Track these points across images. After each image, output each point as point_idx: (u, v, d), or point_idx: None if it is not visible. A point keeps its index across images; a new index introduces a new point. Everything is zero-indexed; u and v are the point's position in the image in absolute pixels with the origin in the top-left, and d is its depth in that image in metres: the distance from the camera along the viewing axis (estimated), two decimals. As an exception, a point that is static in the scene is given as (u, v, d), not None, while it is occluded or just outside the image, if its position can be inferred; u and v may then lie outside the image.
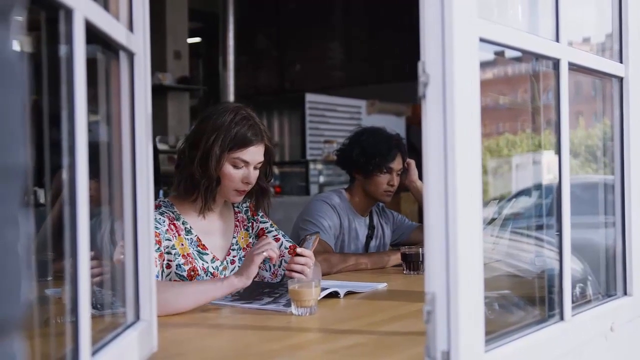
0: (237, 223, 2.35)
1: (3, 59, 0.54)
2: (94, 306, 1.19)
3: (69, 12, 0.96)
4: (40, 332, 1.13)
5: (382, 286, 2.31)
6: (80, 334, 0.98)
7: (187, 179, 2.17)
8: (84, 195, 0.99)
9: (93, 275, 1.36)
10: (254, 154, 2.18)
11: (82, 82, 0.99)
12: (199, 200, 2.20)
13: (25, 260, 0.57)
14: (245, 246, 2.33)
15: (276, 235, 2.37)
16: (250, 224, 2.38)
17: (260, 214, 2.41)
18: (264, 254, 1.95)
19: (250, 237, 2.36)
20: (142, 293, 1.34)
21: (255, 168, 2.21)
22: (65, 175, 0.98)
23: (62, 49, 0.98)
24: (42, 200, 2.58)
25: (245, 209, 2.39)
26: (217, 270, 2.22)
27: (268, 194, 2.34)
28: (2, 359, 0.55)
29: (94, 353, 1.06)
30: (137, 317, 1.33)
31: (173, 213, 2.19)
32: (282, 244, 2.33)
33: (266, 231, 2.38)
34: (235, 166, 2.17)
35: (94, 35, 1.08)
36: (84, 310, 0.99)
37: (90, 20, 1.03)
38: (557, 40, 1.47)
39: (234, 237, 2.32)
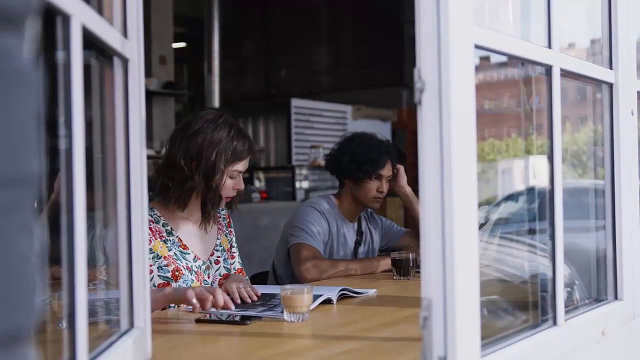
0: (220, 226, 2.43)
1: (18, 67, 0.54)
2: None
3: (66, 18, 0.96)
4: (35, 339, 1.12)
5: (372, 292, 2.31)
6: (77, 341, 0.97)
7: (188, 193, 2.22)
8: (81, 202, 0.98)
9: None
10: (247, 163, 2.29)
11: (79, 87, 0.98)
12: (197, 211, 2.28)
13: (38, 269, 0.56)
14: (226, 249, 2.42)
15: (234, 253, 2.47)
16: (229, 231, 2.48)
17: (231, 228, 2.50)
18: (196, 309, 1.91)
19: (228, 243, 2.45)
20: (136, 300, 1.33)
21: (243, 175, 2.31)
22: (62, 181, 0.98)
23: (59, 55, 0.98)
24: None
25: (223, 216, 2.47)
26: (200, 269, 2.28)
27: (239, 192, 2.39)
28: None
29: (90, 361, 1.06)
30: (132, 324, 1.33)
31: (152, 216, 2.22)
32: (218, 269, 2.40)
33: (232, 246, 2.48)
34: (232, 177, 2.25)
35: (89, 41, 1.08)
36: (81, 318, 0.98)
37: (87, 26, 1.02)
38: (549, 46, 1.48)
39: (218, 239, 2.39)
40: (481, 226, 2.05)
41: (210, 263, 2.33)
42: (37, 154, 0.56)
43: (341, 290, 2.16)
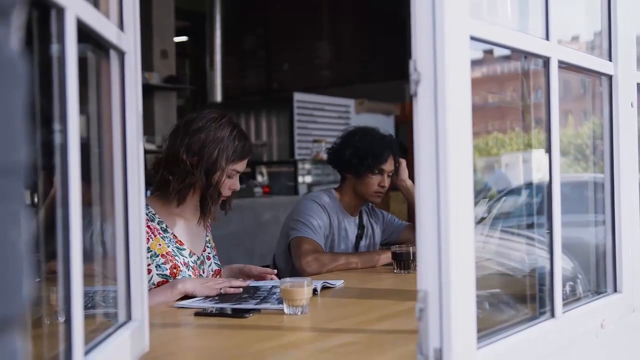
0: (208, 224, 2.45)
1: (5, 58, 0.54)
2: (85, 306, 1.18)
3: (60, 11, 0.96)
4: (31, 332, 1.12)
5: (340, 283, 2.32)
6: (73, 333, 0.98)
7: (188, 188, 2.24)
8: (76, 196, 0.98)
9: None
10: (245, 164, 2.32)
11: (73, 81, 0.98)
12: (191, 208, 2.30)
13: (27, 258, 0.57)
14: (213, 246, 2.45)
15: (215, 253, 2.47)
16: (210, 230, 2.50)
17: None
18: (221, 290, 2.09)
19: (213, 241, 2.48)
20: (133, 293, 1.34)
21: (240, 175, 2.33)
22: (57, 175, 0.98)
23: (54, 48, 0.98)
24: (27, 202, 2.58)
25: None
26: (196, 264, 2.30)
27: (234, 192, 2.40)
28: (6, 356, 0.55)
29: (87, 353, 1.06)
30: (129, 316, 1.33)
31: (147, 214, 2.23)
32: (210, 264, 2.41)
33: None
34: (229, 176, 2.27)
35: (84, 34, 1.07)
36: (77, 311, 0.98)
37: (81, 18, 1.02)
38: (547, 38, 1.48)
39: (207, 236, 2.43)
40: (482, 220, 2.05)
41: (204, 258, 2.36)
42: (25, 144, 0.57)
43: (322, 286, 2.18)
